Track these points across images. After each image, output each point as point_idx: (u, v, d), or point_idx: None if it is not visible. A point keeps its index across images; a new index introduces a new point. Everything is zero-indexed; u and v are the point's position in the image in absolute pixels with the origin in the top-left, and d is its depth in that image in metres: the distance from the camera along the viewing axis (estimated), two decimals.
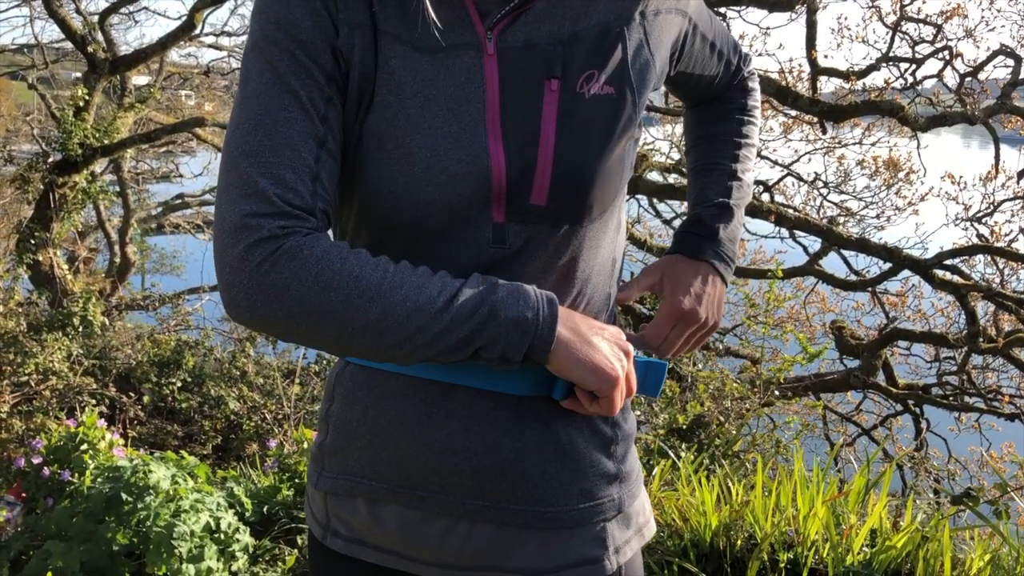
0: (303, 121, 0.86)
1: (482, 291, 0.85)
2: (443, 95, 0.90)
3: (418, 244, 0.92)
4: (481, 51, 0.91)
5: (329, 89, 0.88)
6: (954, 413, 8.22)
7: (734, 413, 3.70)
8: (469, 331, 0.84)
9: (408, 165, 0.89)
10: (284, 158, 0.84)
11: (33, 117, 12.56)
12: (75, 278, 8.22)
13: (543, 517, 0.98)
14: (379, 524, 1.00)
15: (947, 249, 7.16)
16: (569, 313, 0.90)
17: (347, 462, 1.01)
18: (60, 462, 2.76)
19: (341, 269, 0.82)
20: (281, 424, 4.80)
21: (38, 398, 4.72)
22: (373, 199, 0.91)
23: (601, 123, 0.93)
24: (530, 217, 0.92)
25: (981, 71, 7.19)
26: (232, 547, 2.54)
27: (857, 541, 2.32)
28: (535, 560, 0.99)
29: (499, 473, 0.97)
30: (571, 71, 0.92)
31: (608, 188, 0.94)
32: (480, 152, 0.89)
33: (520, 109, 0.91)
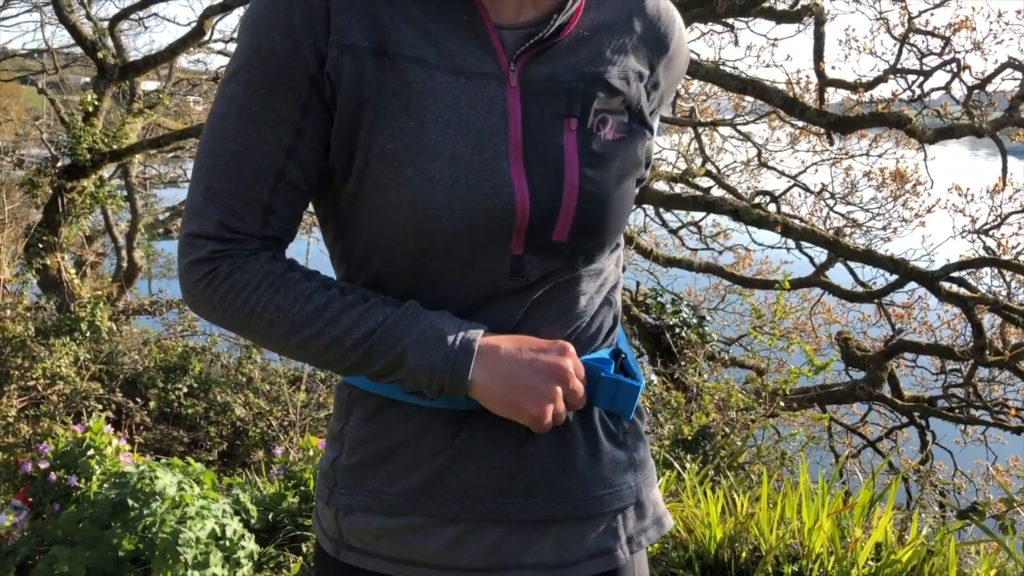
0: (263, 154, 0.89)
1: (398, 331, 0.89)
2: (465, 124, 0.90)
3: (433, 272, 0.93)
4: (504, 83, 0.92)
5: (302, 120, 0.89)
6: (960, 426, 8.18)
7: (739, 424, 3.70)
8: (381, 368, 0.90)
9: (428, 192, 0.88)
10: (234, 187, 0.89)
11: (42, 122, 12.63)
12: (82, 282, 8.25)
13: (562, 509, 0.99)
14: (396, 536, 1.00)
15: (954, 261, 7.14)
16: (493, 349, 0.90)
17: (364, 479, 1.01)
18: (67, 467, 2.77)
19: (269, 300, 0.90)
20: (287, 431, 4.80)
21: (45, 403, 4.73)
22: (388, 225, 0.91)
23: (616, 165, 0.96)
24: (550, 252, 0.93)
25: (989, 83, 7.19)
26: (237, 554, 2.54)
27: (862, 555, 2.32)
28: (551, 556, 1.00)
29: (518, 472, 0.98)
30: (588, 111, 0.94)
31: (620, 224, 0.98)
32: (504, 185, 0.90)
33: (543, 144, 0.92)
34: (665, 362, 5.81)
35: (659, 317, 6.79)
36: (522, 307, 0.96)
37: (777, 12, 6.26)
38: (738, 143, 10.11)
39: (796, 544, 2.43)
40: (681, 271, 8.86)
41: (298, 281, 0.91)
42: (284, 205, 0.92)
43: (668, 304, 7.10)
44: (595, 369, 0.97)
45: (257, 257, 0.91)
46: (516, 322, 0.96)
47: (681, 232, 9.95)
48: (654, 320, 7.10)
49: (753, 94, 6.62)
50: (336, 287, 0.92)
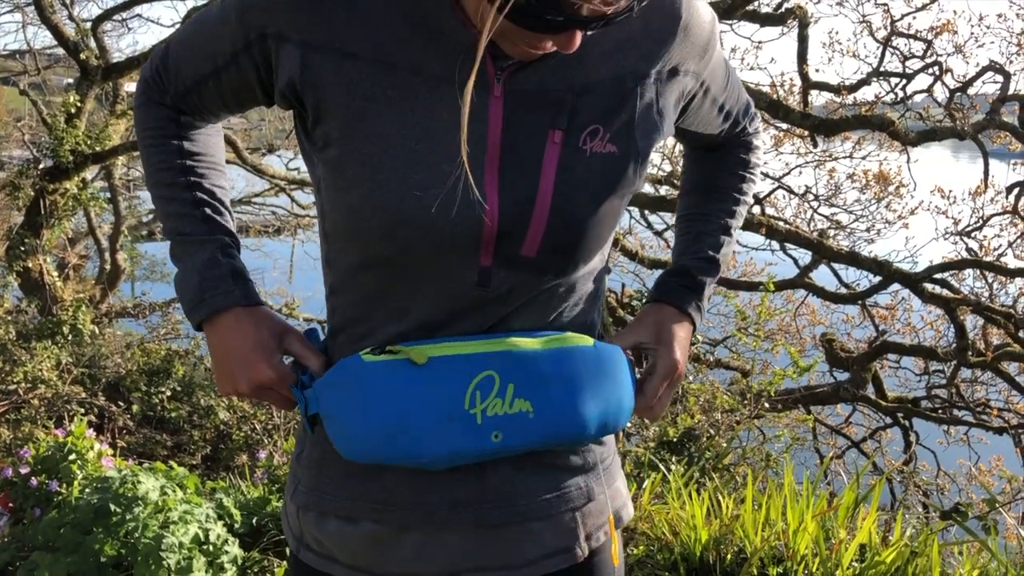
0: (199, 58, 1.00)
1: (182, 251, 1.02)
2: (441, 131, 0.89)
3: (403, 273, 0.93)
4: (488, 91, 0.89)
5: (227, 66, 0.98)
6: (943, 426, 8.24)
7: (724, 426, 3.71)
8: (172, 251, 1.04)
9: (399, 198, 0.88)
10: (178, 62, 1.03)
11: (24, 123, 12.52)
12: (65, 285, 8.18)
13: (515, 512, 1.00)
14: (351, 542, 1.00)
15: (936, 263, 7.20)
16: (222, 326, 0.99)
17: (321, 478, 1.01)
18: (48, 472, 2.74)
19: (144, 145, 1.06)
20: (271, 435, 4.78)
21: (26, 407, 4.69)
22: (362, 224, 0.91)
23: (600, 181, 0.93)
24: (518, 266, 0.92)
25: (971, 86, 7.24)
26: (221, 559, 2.52)
27: (847, 556, 2.33)
28: (510, 557, 1.00)
29: (472, 477, 0.98)
30: (576, 123, 0.91)
31: (598, 243, 0.96)
32: (475, 198, 0.89)
33: (521, 157, 0.90)
34: None
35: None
36: (494, 319, 0.96)
37: (761, 15, 6.28)
38: None
39: (781, 546, 2.44)
40: None
41: (170, 148, 1.05)
42: (201, 97, 1.03)
43: None
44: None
45: (162, 107, 1.06)
46: (482, 328, 0.96)
47: (666, 234, 9.97)
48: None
49: None
50: (186, 177, 1.04)
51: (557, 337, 0.96)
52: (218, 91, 1.01)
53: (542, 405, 0.93)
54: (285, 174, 11.92)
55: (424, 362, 0.90)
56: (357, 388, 0.91)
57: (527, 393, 0.92)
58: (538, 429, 0.93)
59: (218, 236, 1.03)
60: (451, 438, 0.90)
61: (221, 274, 1.00)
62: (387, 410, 0.90)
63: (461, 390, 0.91)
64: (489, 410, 0.91)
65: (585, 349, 0.97)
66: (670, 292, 1.10)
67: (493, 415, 0.91)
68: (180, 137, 1.06)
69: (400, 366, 0.91)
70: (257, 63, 0.95)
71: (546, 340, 0.96)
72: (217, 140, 1.12)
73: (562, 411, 0.94)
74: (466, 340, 0.93)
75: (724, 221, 1.15)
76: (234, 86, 1.00)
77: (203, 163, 1.07)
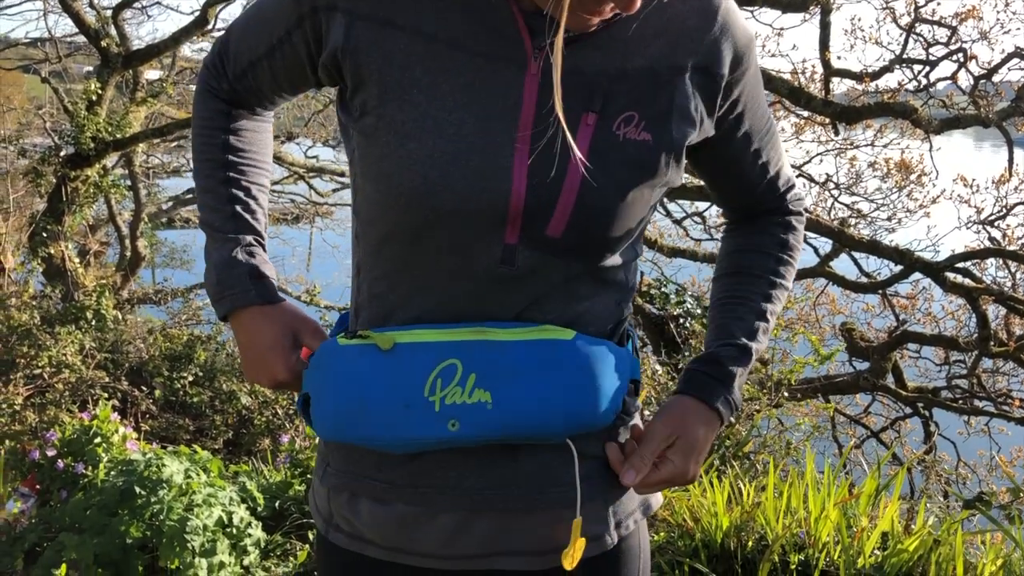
0: (257, 39, 1.03)
1: (211, 246, 1.07)
2: (476, 105, 0.89)
3: (428, 247, 0.93)
4: (524, 70, 0.90)
5: (280, 44, 1.00)
6: (963, 417, 8.19)
7: (744, 414, 3.70)
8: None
9: (428, 168, 0.89)
10: (238, 44, 1.06)
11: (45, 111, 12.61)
12: (86, 272, 8.25)
13: (546, 499, 0.99)
14: (383, 523, 1.01)
15: (959, 252, 7.14)
16: (242, 321, 1.04)
17: (351, 460, 1.02)
18: (74, 455, 2.78)
19: (196, 134, 1.10)
20: (292, 419, 4.81)
21: (51, 391, 4.74)
22: (391, 192, 0.91)
23: (631, 167, 0.92)
24: (543, 245, 0.92)
25: (995, 73, 7.17)
26: (244, 541, 2.55)
27: (869, 544, 2.32)
28: (539, 543, 1.01)
29: (505, 462, 0.98)
30: (611, 109, 0.91)
31: (626, 230, 0.95)
32: (503, 172, 0.89)
33: (552, 136, 0.89)
34: (669, 352, 5.80)
35: (663, 307, 6.78)
36: (519, 301, 0.95)
37: (783, 1, 6.23)
38: None
39: (802, 533, 2.43)
40: (685, 261, 8.85)
41: (215, 141, 1.09)
42: (256, 78, 1.06)
43: (672, 294, 7.09)
44: None
45: (218, 94, 1.09)
46: (513, 314, 0.95)
47: (685, 222, 9.95)
48: (658, 310, 7.09)
49: None
50: (225, 171, 1.08)
51: (533, 329, 0.94)
52: (272, 71, 1.04)
53: (502, 397, 0.92)
54: (304, 162, 11.96)
55: (389, 348, 0.92)
56: (328, 370, 0.95)
57: (488, 383, 0.92)
58: (496, 420, 0.92)
59: (242, 235, 1.06)
60: (408, 424, 0.92)
61: (239, 273, 1.04)
62: (350, 393, 0.93)
63: (422, 378, 0.92)
64: (448, 398, 0.92)
65: (561, 343, 0.94)
66: (697, 385, 1.02)
67: (451, 404, 0.92)
68: (227, 131, 1.09)
69: (368, 351, 0.93)
70: (308, 38, 0.97)
71: (520, 331, 0.94)
72: (265, 137, 1.14)
73: (522, 404, 0.92)
74: (440, 328, 0.93)
75: (760, 305, 1.07)
76: (287, 65, 1.02)
77: (245, 159, 1.10)
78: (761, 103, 1.06)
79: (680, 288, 7.67)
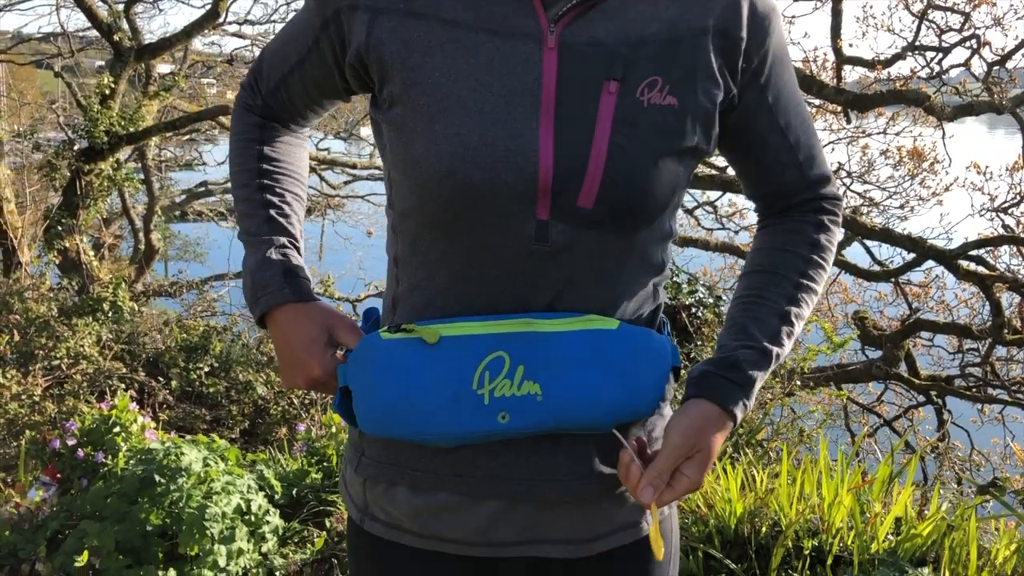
0: (287, 52, 1.07)
1: (247, 252, 1.08)
2: (496, 82, 0.90)
3: (462, 229, 0.93)
4: (542, 43, 0.91)
5: (308, 52, 1.03)
6: (977, 405, 8.16)
7: (757, 401, 3.71)
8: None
9: (455, 146, 0.89)
10: (271, 61, 1.10)
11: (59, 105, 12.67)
12: (101, 265, 8.31)
13: (587, 489, 1.00)
14: (422, 512, 1.02)
15: (972, 240, 7.10)
16: (277, 324, 1.05)
17: (389, 451, 1.03)
18: (94, 444, 2.81)
19: (232, 148, 1.14)
20: (308, 409, 4.85)
21: (69, 381, 4.79)
22: (422, 175, 0.92)
23: (658, 133, 0.91)
24: (575, 219, 0.91)
25: (1009, 59, 7.11)
26: (262, 528, 2.58)
27: (882, 529, 2.33)
28: (577, 531, 1.02)
29: (547, 451, 0.98)
30: (633, 75, 0.91)
31: (658, 200, 0.93)
32: (529, 144, 0.89)
33: (576, 107, 0.90)
34: (681, 341, 5.81)
35: (675, 297, 6.77)
36: (556, 281, 0.94)
37: None
38: None
39: (816, 519, 2.44)
40: (697, 251, 8.84)
41: (250, 153, 1.12)
42: (288, 91, 1.09)
43: (684, 284, 7.08)
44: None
45: (253, 111, 1.14)
46: (551, 296, 0.95)
47: (697, 212, 9.92)
48: (670, 300, 7.10)
49: None
50: (260, 179, 1.11)
51: (578, 319, 0.94)
52: (303, 83, 1.07)
53: (551, 388, 0.92)
54: (316, 154, 11.99)
55: (435, 341, 0.92)
56: (372, 365, 0.94)
57: (536, 375, 0.92)
58: (546, 411, 0.93)
59: (276, 236, 1.07)
60: (457, 418, 0.92)
61: (273, 274, 1.05)
62: (396, 388, 0.92)
63: (470, 370, 0.92)
64: (497, 391, 0.92)
65: (606, 332, 0.94)
66: (715, 388, 0.97)
67: (500, 396, 0.92)
68: (262, 142, 1.13)
69: (413, 345, 0.93)
70: (334, 42, 0.99)
71: (565, 321, 0.94)
72: (299, 152, 1.17)
73: (571, 395, 0.93)
74: (484, 320, 0.93)
75: (783, 307, 1.02)
76: (317, 74, 1.04)
77: (279, 168, 1.13)
78: (789, 79, 1.03)
79: (692, 277, 7.66)
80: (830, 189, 1.09)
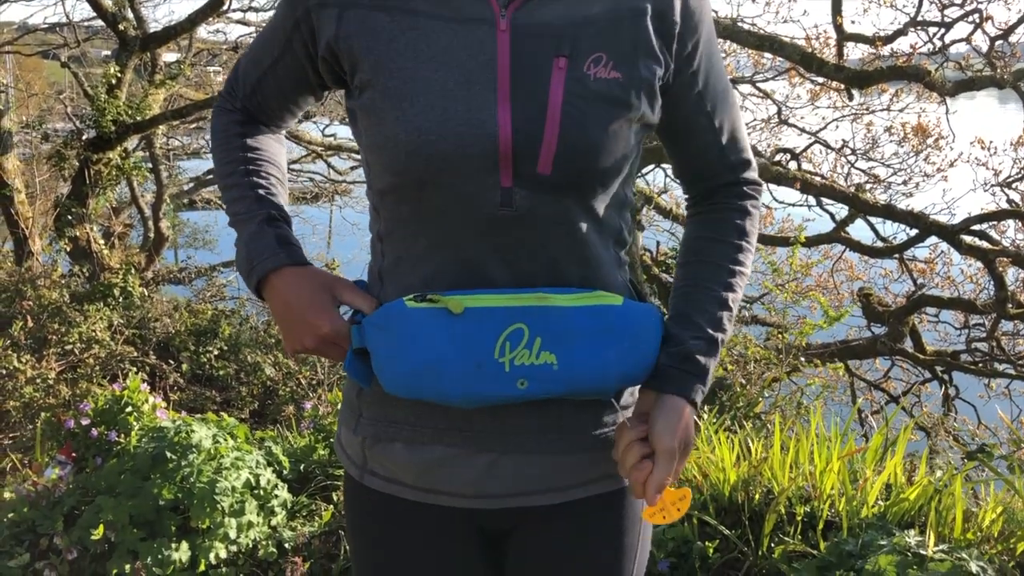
0: (261, 56, 1.16)
1: (239, 226, 1.14)
2: (456, 63, 0.99)
3: (433, 198, 1.01)
4: (495, 27, 0.99)
5: (281, 53, 1.12)
6: (983, 380, 8.19)
7: (755, 376, 3.77)
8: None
9: (422, 121, 0.98)
10: (247, 67, 1.19)
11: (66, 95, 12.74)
12: (111, 253, 8.40)
13: (576, 443, 1.10)
14: (419, 466, 1.09)
15: (975, 214, 7.11)
16: (276, 289, 1.09)
17: (387, 410, 1.10)
18: (107, 424, 2.89)
19: (215, 146, 1.21)
20: (315, 389, 4.93)
21: (82, 365, 4.89)
22: (392, 153, 1.00)
23: (605, 102, 1.00)
24: (536, 185, 0.99)
25: (1012, 33, 7.09)
26: (271, 502, 2.66)
27: (872, 494, 2.39)
28: (565, 479, 1.11)
29: (540, 409, 1.07)
30: (579, 52, 1.00)
31: (611, 165, 1.02)
32: (489, 117, 0.98)
33: (529, 83, 0.99)
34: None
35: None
36: (528, 245, 1.02)
37: None
38: (758, 101, 10.05)
39: (808, 486, 2.51)
40: None
41: (233, 145, 1.19)
42: (263, 93, 1.18)
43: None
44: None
45: (232, 112, 1.21)
46: (528, 263, 1.03)
47: None
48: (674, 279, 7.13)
49: (770, 50, 6.59)
50: (245, 166, 1.17)
51: (588, 295, 1.03)
52: (277, 83, 1.15)
53: (566, 358, 1.01)
54: (322, 140, 12.02)
55: (460, 312, 0.99)
56: (399, 331, 1.01)
57: (553, 346, 1.00)
58: (561, 379, 1.01)
59: (267, 211, 1.13)
60: (479, 383, 1.00)
61: (267, 242, 1.10)
62: (424, 354, 0.99)
63: (492, 340, 0.99)
64: (516, 360, 1.00)
65: (613, 307, 1.04)
66: (675, 381, 1.06)
67: (520, 364, 1.00)
68: (242, 135, 1.20)
69: (438, 314, 1.00)
70: (305, 39, 1.08)
71: (577, 297, 1.03)
72: (278, 146, 1.25)
73: (584, 365, 1.01)
74: (501, 293, 1.01)
75: (722, 295, 1.11)
76: (290, 72, 1.13)
77: (261, 156, 1.19)
78: (718, 64, 1.13)
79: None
80: (750, 174, 1.18)
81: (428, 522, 1.13)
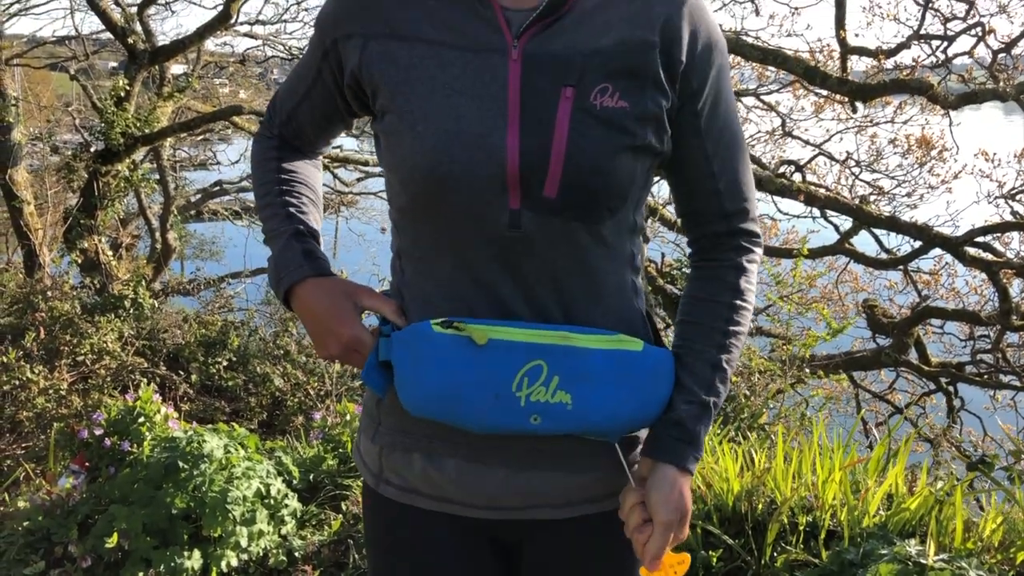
0: (295, 87, 1.23)
1: (270, 240, 1.20)
2: (469, 90, 1.04)
3: (446, 219, 1.06)
4: (507, 56, 1.04)
5: (313, 83, 1.20)
6: (989, 391, 8.19)
7: (759, 387, 3.79)
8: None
9: (434, 142, 1.03)
10: (283, 97, 1.27)
11: (74, 107, 12.84)
12: (119, 264, 8.46)
13: (588, 464, 1.14)
14: (435, 477, 1.13)
15: (979, 226, 7.13)
16: (303, 300, 1.14)
17: (404, 421, 1.14)
18: (120, 434, 2.94)
19: (254, 169, 1.29)
20: (323, 400, 4.97)
21: (94, 376, 4.95)
22: (408, 173, 1.06)
23: (611, 132, 1.04)
24: (543, 207, 1.04)
25: (1015, 46, 7.12)
26: (281, 512, 2.70)
27: (873, 504, 2.42)
28: (577, 495, 1.15)
29: (558, 436, 1.10)
30: (587, 82, 1.04)
31: (615, 190, 1.06)
32: (498, 141, 1.03)
33: (537, 110, 1.03)
34: None
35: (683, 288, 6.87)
36: (538, 268, 1.06)
37: None
38: (762, 113, 10.11)
39: (811, 497, 2.53)
40: None
41: (269, 168, 1.26)
42: (299, 120, 1.25)
43: None
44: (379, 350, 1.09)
45: (270, 139, 1.29)
46: (538, 287, 1.07)
47: None
48: (679, 291, 7.18)
49: (774, 64, 6.64)
50: (279, 187, 1.24)
51: (610, 338, 1.07)
52: (311, 111, 1.23)
53: (580, 400, 1.04)
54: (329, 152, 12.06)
55: (484, 343, 1.04)
56: (423, 353, 1.05)
57: (569, 386, 1.04)
58: (573, 420, 1.05)
59: (293, 226, 1.19)
60: (496, 414, 1.04)
61: (293, 255, 1.16)
62: (445, 379, 1.04)
63: (512, 373, 1.03)
64: (533, 396, 1.04)
65: (632, 353, 1.07)
66: (668, 451, 1.09)
67: (535, 401, 1.04)
68: (279, 159, 1.27)
69: (462, 342, 1.04)
70: (333, 69, 1.15)
71: (599, 339, 1.06)
72: (313, 170, 1.32)
73: (597, 408, 1.05)
74: (526, 327, 1.05)
75: (716, 357, 1.12)
76: (322, 100, 1.20)
77: (295, 178, 1.26)
78: (727, 111, 1.13)
79: None
80: (748, 225, 1.17)
81: (442, 531, 1.17)
